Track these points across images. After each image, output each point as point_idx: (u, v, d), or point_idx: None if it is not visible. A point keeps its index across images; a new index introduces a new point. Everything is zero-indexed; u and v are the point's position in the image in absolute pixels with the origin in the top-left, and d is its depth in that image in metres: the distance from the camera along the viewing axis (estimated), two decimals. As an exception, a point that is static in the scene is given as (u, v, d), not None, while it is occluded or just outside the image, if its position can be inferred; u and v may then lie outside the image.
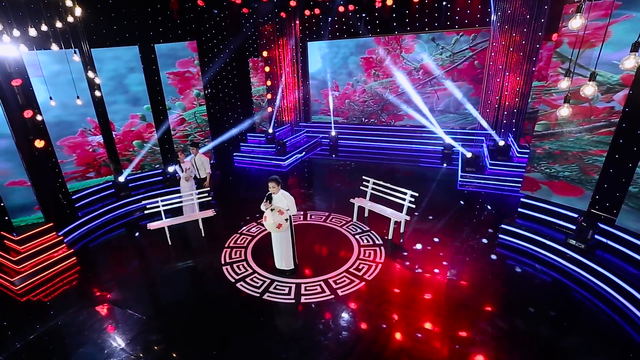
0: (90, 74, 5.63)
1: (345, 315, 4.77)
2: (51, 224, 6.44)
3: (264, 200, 5.15)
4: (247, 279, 5.60)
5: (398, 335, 4.38)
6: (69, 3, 4.57)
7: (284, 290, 5.31)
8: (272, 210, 5.07)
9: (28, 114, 6.66)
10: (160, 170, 9.08)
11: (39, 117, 5.94)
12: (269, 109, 12.80)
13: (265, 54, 12.33)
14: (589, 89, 2.28)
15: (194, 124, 9.51)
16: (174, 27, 9.13)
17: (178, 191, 7.66)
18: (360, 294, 5.16)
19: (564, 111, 2.56)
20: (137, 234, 7.48)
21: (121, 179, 8.20)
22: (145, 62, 8.39)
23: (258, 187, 9.87)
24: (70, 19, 5.02)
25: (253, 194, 9.53)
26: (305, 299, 5.10)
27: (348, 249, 6.29)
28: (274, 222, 5.07)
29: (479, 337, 4.29)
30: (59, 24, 5.10)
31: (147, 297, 5.60)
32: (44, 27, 4.99)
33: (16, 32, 4.80)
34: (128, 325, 4.82)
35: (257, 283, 5.50)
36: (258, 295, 5.24)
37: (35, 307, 5.35)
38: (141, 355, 4.31)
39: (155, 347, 4.43)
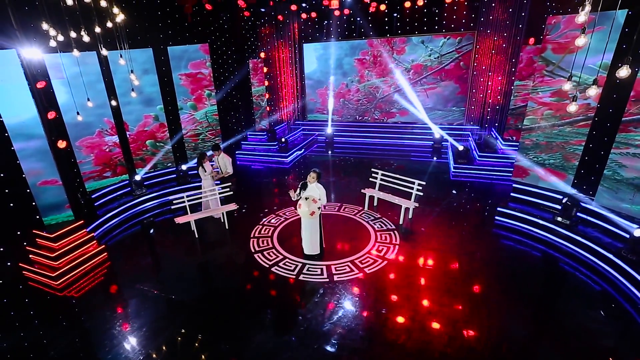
0: (132, 76, 5.92)
1: (376, 289, 5.43)
2: (82, 221, 6.66)
3: (299, 187, 5.73)
4: (280, 264, 6.14)
5: (425, 302, 5.10)
6: (115, 10, 4.89)
7: (317, 271, 5.90)
8: (306, 199, 5.66)
9: (51, 115, 6.85)
10: (173, 169, 9.34)
11: (79, 118, 6.15)
12: (268, 108, 13.24)
13: (263, 55, 12.75)
14: (592, 91, 3.06)
15: (205, 124, 9.83)
16: (184, 30, 9.41)
17: (191, 188, 7.99)
18: (385, 271, 5.85)
19: (572, 107, 3.34)
20: (151, 231, 7.76)
21: (137, 177, 8.43)
22: (158, 64, 8.64)
23: (264, 183, 10.40)
24: (109, 24, 5.32)
25: (264, 189, 10.04)
26: (338, 277, 5.72)
27: (366, 234, 6.97)
28: (308, 209, 5.67)
29: (489, 298, 5.10)
30: (97, 29, 5.38)
31: (188, 285, 5.93)
32: (83, 32, 5.27)
33: (60, 37, 5.06)
34: (175, 310, 5.22)
35: (291, 266, 6.05)
36: (294, 277, 5.80)
37: (79, 300, 5.62)
38: (200, 328, 4.76)
39: (208, 327, 4.89)
